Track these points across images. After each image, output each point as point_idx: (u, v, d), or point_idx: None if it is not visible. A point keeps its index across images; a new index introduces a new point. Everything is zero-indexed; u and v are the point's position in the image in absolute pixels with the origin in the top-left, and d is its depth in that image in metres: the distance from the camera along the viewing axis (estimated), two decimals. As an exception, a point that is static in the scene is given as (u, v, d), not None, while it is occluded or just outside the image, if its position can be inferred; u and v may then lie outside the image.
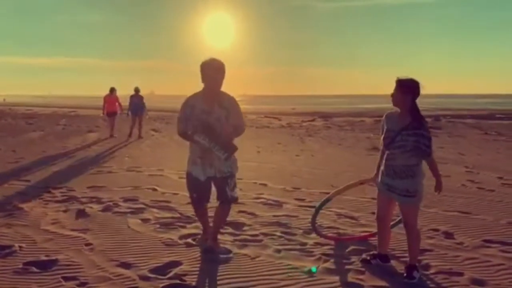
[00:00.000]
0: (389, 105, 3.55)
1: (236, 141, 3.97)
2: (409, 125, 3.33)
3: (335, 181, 7.21)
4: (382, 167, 3.58)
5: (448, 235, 4.52)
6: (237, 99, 4.02)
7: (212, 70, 3.61)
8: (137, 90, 14.35)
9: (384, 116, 3.61)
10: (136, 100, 14.15)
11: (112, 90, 14.50)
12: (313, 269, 3.62)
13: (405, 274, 3.47)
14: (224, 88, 3.75)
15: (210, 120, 3.65)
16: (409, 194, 3.39)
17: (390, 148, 3.42)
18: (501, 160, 9.76)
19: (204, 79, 3.65)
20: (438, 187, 3.50)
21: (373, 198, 5.82)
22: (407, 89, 3.33)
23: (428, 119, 24.33)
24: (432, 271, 3.63)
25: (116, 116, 14.54)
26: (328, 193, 6.24)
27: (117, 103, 14.50)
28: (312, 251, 4.05)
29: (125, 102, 14.68)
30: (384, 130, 3.51)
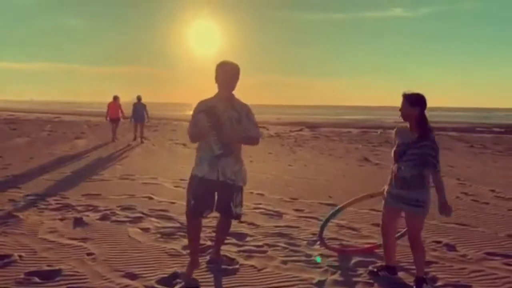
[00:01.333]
0: (369, 117, 3.63)
1: None
2: (419, 137, 3.37)
3: (332, 192, 7.24)
4: (391, 179, 3.60)
5: (451, 247, 4.55)
6: None
7: (222, 71, 3.51)
8: (139, 98, 15.21)
9: (394, 130, 3.64)
10: (139, 107, 15.05)
11: (115, 98, 15.36)
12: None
13: (414, 287, 3.48)
14: (205, 96, 3.66)
15: (222, 117, 3.45)
16: (418, 204, 3.41)
17: (401, 161, 3.45)
18: (491, 172, 9.94)
19: (219, 80, 3.52)
20: (442, 208, 3.32)
21: (372, 209, 5.91)
22: (415, 102, 3.38)
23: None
24: (440, 283, 3.64)
25: (118, 122, 15.50)
26: (326, 204, 6.30)
27: (119, 110, 15.25)
28: (318, 263, 4.03)
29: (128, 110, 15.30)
30: (396, 143, 3.54)
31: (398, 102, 3.50)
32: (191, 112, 3.70)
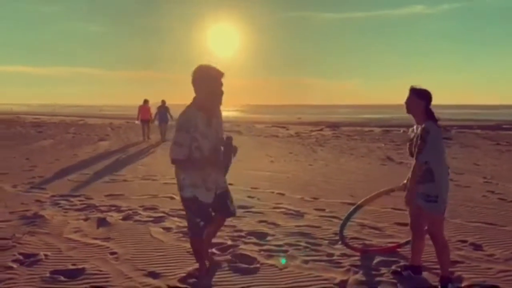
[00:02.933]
0: (393, 115, 3.56)
1: (247, 150, 3.91)
2: (421, 130, 3.33)
3: (353, 191, 7.15)
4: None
5: (477, 246, 4.44)
6: (240, 108, 3.92)
7: (219, 80, 3.23)
8: (163, 102, 16.62)
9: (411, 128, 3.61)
10: (163, 110, 16.42)
11: (146, 101, 16.77)
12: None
13: (439, 287, 3.40)
14: (228, 98, 3.41)
15: (209, 133, 3.27)
16: (429, 199, 3.33)
17: (411, 155, 3.47)
18: (518, 170, 9.66)
19: (206, 89, 3.20)
20: (407, 197, 3.54)
21: (394, 208, 5.82)
22: (421, 95, 3.38)
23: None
24: (466, 283, 3.55)
25: (149, 123, 16.81)
26: (348, 203, 6.23)
27: (149, 112, 16.78)
28: (340, 262, 3.98)
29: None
30: (409, 138, 3.54)
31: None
32: None
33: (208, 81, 3.17)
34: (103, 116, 47.12)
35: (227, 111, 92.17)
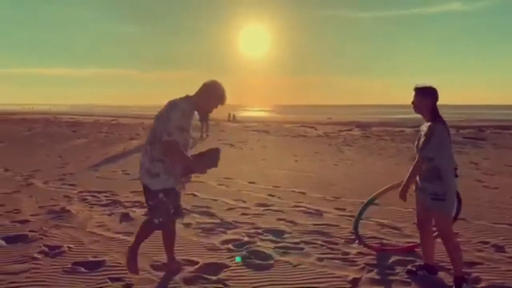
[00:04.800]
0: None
1: (272, 150, 3.97)
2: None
3: (376, 191, 7.04)
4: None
5: (499, 248, 4.32)
6: (268, 109, 3.98)
7: (223, 99, 3.46)
8: None
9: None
10: None
11: None
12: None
13: (454, 287, 3.35)
14: (256, 98, 3.56)
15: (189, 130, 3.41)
16: (438, 197, 3.30)
17: (418, 152, 3.45)
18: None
19: (210, 100, 3.40)
20: (401, 191, 3.62)
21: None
22: (426, 93, 3.39)
23: (470, 130, 23.66)
24: (483, 284, 3.48)
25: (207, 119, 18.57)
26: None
27: None
28: (356, 261, 3.98)
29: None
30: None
31: (458, 99, 3.44)
32: (243, 113, 3.72)
33: (213, 97, 3.41)
34: (136, 116, 48.16)
35: (256, 111, 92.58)
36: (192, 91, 3.45)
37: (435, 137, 3.24)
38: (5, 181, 7.69)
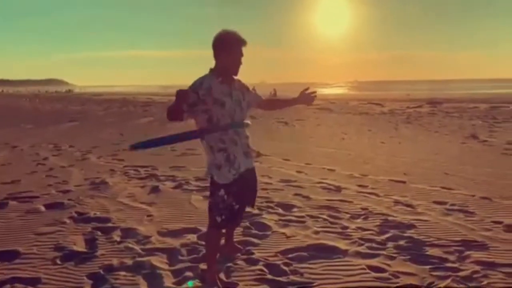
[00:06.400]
0: (508, 90, 3.40)
1: (326, 128, 4.02)
2: None
3: (410, 169, 6.92)
4: None
5: (510, 228, 4.14)
6: (347, 85, 3.74)
7: (241, 45, 2.98)
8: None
9: None
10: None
11: None
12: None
13: None
14: (336, 75, 3.07)
15: (229, 104, 2.94)
16: None
17: None
18: None
19: (227, 55, 2.94)
20: None
21: (444, 187, 5.60)
22: None
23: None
24: (468, 260, 3.42)
25: None
26: (396, 180, 6.11)
27: None
28: (351, 235, 4.05)
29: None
30: None
31: None
32: (319, 90, 3.37)
33: (229, 46, 2.95)
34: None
35: (331, 88, 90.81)
36: (266, 69, 3.21)
37: None
38: (66, 155, 8.61)
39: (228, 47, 2.94)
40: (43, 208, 4.98)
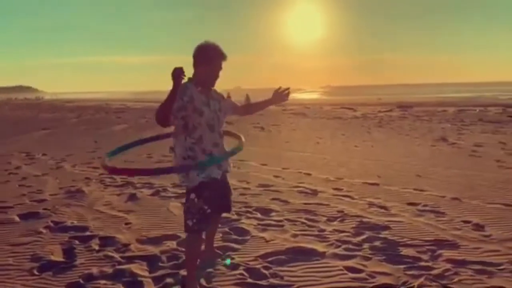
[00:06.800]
0: (482, 94, 3.54)
1: (301, 132, 4.09)
2: None
3: (383, 172, 7.11)
4: None
5: (479, 227, 4.33)
6: (320, 90, 3.80)
7: (221, 59, 3.07)
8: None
9: None
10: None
11: None
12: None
13: None
14: (309, 80, 3.12)
15: (206, 113, 3.01)
16: None
17: None
18: None
19: (207, 66, 3.02)
20: None
21: (417, 189, 5.77)
22: None
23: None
24: (440, 259, 3.57)
25: None
26: (370, 183, 6.28)
27: None
28: (328, 237, 4.14)
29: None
30: None
31: None
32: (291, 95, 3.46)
33: (210, 59, 3.02)
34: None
35: (305, 93, 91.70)
36: (241, 75, 3.28)
37: None
38: (39, 164, 8.45)
39: (208, 60, 3.02)
40: (17, 218, 4.90)
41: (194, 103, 2.95)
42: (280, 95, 3.41)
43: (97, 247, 4.01)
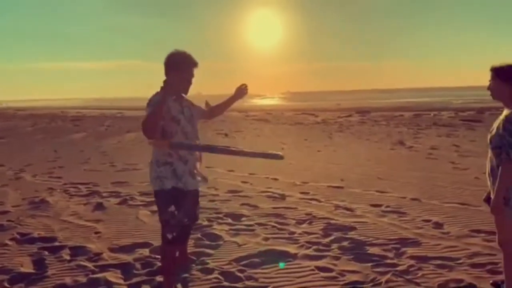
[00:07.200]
0: (437, 98, 3.64)
1: (265, 138, 4.17)
2: (505, 118, 2.71)
3: (346, 175, 7.36)
4: None
5: (438, 225, 4.60)
6: (280, 96, 3.87)
7: (193, 66, 3.10)
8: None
9: None
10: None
11: None
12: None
13: None
14: (269, 86, 3.13)
15: (181, 120, 3.09)
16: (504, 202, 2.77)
17: (490, 148, 2.86)
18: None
19: (179, 74, 3.05)
20: (492, 205, 2.81)
21: (378, 191, 6.03)
22: (506, 76, 2.76)
23: (470, 113, 23.61)
24: (405, 256, 3.78)
25: None
26: (334, 187, 6.50)
27: None
28: (298, 239, 4.28)
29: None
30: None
31: (477, 81, 2.89)
32: (246, 103, 3.43)
33: (181, 67, 3.06)
34: (143, 108, 48.57)
35: (265, 99, 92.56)
36: (201, 82, 3.33)
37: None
38: (-3, 175, 8.16)
39: (180, 67, 3.06)
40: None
41: (171, 112, 3.02)
42: (240, 91, 3.49)
43: (68, 257, 3.96)
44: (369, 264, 3.64)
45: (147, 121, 2.82)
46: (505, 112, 2.74)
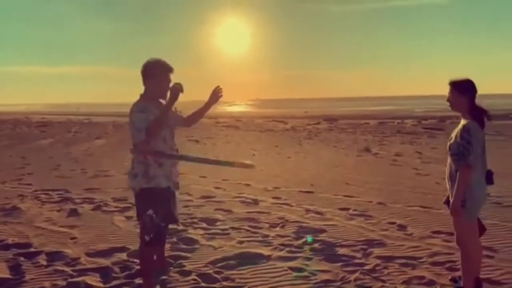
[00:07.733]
0: (399, 107, 3.88)
1: (235, 145, 4.30)
2: (462, 127, 2.97)
3: (316, 181, 7.63)
4: None
5: (402, 227, 4.90)
6: (249, 103, 3.94)
7: (168, 72, 3.23)
8: None
9: None
10: None
11: None
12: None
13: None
14: (238, 93, 3.25)
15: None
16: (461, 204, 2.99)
17: (449, 154, 3.10)
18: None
19: (157, 81, 3.18)
20: (451, 208, 3.07)
21: (347, 196, 6.31)
22: (464, 89, 3.03)
23: (432, 121, 24.60)
24: (372, 256, 4.03)
25: None
26: (305, 191, 6.74)
27: None
28: (272, 242, 4.47)
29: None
30: None
31: (437, 90, 3.15)
32: (217, 110, 3.51)
33: (158, 74, 3.18)
34: (110, 114, 47.85)
35: (235, 106, 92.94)
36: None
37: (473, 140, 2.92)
38: (-37, 183, 7.97)
39: (157, 75, 3.19)
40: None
41: (151, 118, 3.13)
42: (216, 93, 3.57)
43: (45, 263, 3.99)
44: (339, 264, 3.87)
45: (154, 127, 2.99)
46: (463, 121, 3.03)
